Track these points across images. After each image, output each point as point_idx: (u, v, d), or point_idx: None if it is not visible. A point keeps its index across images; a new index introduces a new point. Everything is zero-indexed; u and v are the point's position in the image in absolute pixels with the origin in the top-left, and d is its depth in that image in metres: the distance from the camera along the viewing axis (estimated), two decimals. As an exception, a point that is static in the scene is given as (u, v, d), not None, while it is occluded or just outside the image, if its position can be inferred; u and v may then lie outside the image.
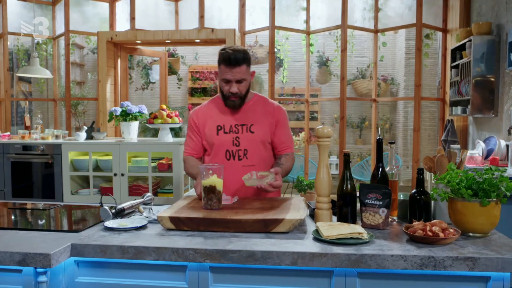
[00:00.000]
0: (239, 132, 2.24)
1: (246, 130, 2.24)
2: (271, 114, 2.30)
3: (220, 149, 2.26)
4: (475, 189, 1.63)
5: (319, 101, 7.53)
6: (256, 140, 2.25)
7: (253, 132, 2.24)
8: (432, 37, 5.77)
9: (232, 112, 2.27)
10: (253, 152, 2.25)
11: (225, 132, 2.25)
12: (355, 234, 1.61)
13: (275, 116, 2.30)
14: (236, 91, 2.18)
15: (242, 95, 2.23)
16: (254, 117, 2.27)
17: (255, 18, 5.62)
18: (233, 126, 2.25)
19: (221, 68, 2.18)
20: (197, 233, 1.75)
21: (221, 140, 2.25)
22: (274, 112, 2.31)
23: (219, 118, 2.27)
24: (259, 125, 2.26)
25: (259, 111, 2.29)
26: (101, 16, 5.95)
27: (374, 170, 1.90)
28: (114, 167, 4.09)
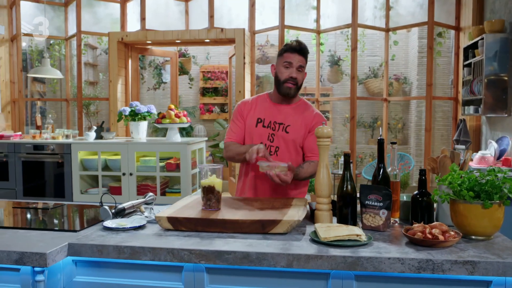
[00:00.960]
0: (276, 130, 2.33)
1: (282, 129, 2.33)
2: (309, 120, 2.37)
3: (256, 140, 2.35)
4: (477, 190, 1.59)
5: (330, 101, 7.47)
6: (288, 141, 2.32)
7: (287, 132, 2.32)
8: (445, 35, 5.68)
9: (273, 109, 2.37)
10: (284, 151, 2.34)
11: (263, 126, 2.35)
12: (353, 236, 1.58)
13: (311, 123, 2.36)
14: (295, 76, 2.28)
15: (298, 85, 2.33)
16: (293, 119, 2.34)
17: (265, 17, 5.61)
18: (272, 123, 2.34)
19: (284, 56, 2.30)
20: (194, 233, 1.74)
21: (258, 132, 2.35)
22: (311, 119, 2.37)
23: (261, 112, 2.37)
24: (295, 128, 2.34)
25: (299, 114, 2.37)
26: (112, 17, 5.99)
27: (375, 171, 1.87)
28: (122, 167, 4.11)
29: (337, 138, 7.74)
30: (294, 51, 2.28)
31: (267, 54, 6.96)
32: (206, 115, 8.14)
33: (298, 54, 2.28)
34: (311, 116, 2.37)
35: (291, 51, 2.28)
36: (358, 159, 7.38)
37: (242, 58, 5.31)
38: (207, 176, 1.92)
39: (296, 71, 2.28)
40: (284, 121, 2.33)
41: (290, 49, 2.29)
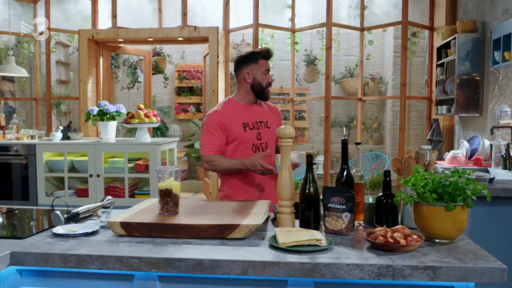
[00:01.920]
0: (260, 128, 2.54)
1: (264, 126, 2.55)
2: (275, 112, 2.68)
3: (247, 144, 2.51)
4: (441, 192, 1.54)
5: (306, 100, 7.43)
6: (272, 134, 2.58)
7: (269, 127, 2.57)
8: (419, 35, 5.68)
9: (249, 111, 2.53)
10: (271, 145, 2.59)
11: (250, 128, 2.51)
12: (313, 241, 1.51)
13: (278, 114, 2.70)
14: (271, 81, 2.53)
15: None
16: (266, 115, 2.59)
17: (239, 16, 5.53)
18: (254, 123, 2.53)
19: (260, 63, 2.47)
20: (148, 239, 1.65)
21: (248, 136, 2.50)
22: (276, 111, 2.69)
23: (241, 117, 2.50)
24: (271, 121, 2.60)
25: (267, 110, 2.62)
26: (83, 14, 5.84)
27: (339, 173, 1.80)
28: (89, 168, 3.98)
29: (312, 137, 7.71)
30: (267, 58, 2.49)
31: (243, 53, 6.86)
32: (181, 114, 8.02)
33: (268, 60, 2.52)
34: (275, 110, 2.69)
35: (266, 57, 2.48)
36: (333, 158, 7.35)
37: (216, 57, 5.22)
38: (164, 178, 1.83)
39: (269, 75, 2.52)
40: (262, 118, 2.54)
41: (264, 57, 2.48)
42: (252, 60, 2.46)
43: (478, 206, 2.76)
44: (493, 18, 3.99)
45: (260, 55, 2.46)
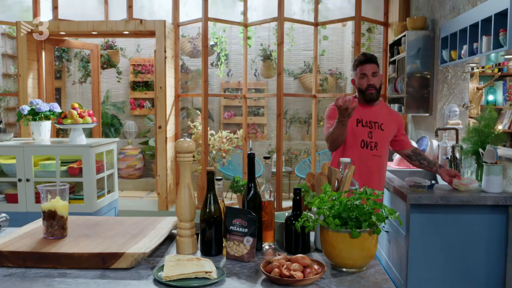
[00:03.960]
0: (372, 128, 2.67)
1: (378, 127, 2.68)
2: (396, 118, 2.80)
3: (358, 138, 2.66)
4: (345, 217, 1.38)
5: (265, 97, 7.25)
6: (385, 136, 2.69)
7: (383, 130, 2.68)
8: (375, 31, 5.56)
9: (366, 110, 2.69)
10: (382, 146, 2.69)
11: (362, 125, 2.66)
12: (201, 274, 1.34)
13: (399, 121, 2.80)
14: (372, 83, 2.63)
15: (377, 88, 2.67)
16: (383, 118, 2.71)
17: (188, 9, 5.28)
18: (368, 122, 2.67)
19: (358, 69, 2.67)
20: (20, 271, 1.44)
21: (359, 131, 2.65)
22: (397, 117, 2.82)
23: (357, 113, 2.65)
24: (387, 126, 2.71)
25: (387, 114, 2.75)
26: (23, 5, 5.48)
27: (245, 191, 1.62)
28: (18, 172, 3.70)
29: (270, 134, 7.54)
30: (364, 62, 2.64)
31: (198, 47, 6.63)
32: (137, 110, 7.72)
33: (369, 63, 2.64)
34: (395, 114, 2.83)
35: (362, 63, 2.65)
36: (292, 155, 7.22)
37: (163, 52, 4.98)
38: (46, 199, 1.61)
39: (371, 77, 2.63)
40: (377, 120, 2.68)
41: (360, 63, 2.66)
42: (353, 67, 2.73)
43: (417, 214, 2.65)
44: (442, 15, 3.88)
45: (357, 62, 2.68)
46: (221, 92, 7.51)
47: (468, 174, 3.00)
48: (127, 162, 7.21)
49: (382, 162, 2.71)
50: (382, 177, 2.76)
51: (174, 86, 5.37)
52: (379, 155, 2.68)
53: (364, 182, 2.52)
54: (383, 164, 2.73)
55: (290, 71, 7.42)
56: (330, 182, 1.65)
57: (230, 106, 7.61)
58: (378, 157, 2.66)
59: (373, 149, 2.67)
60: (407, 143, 2.86)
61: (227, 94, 7.36)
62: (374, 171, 2.67)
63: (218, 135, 5.75)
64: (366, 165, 2.63)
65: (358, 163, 2.46)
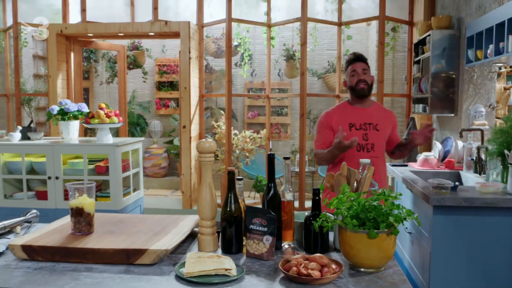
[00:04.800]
0: (368, 129, 2.63)
1: (373, 128, 2.64)
2: (392, 118, 2.78)
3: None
4: (363, 218, 1.39)
5: (288, 97, 7.26)
6: (381, 137, 2.67)
7: (378, 130, 2.65)
8: (399, 30, 5.50)
9: (359, 113, 2.67)
10: (378, 146, 2.66)
11: (356, 128, 2.63)
12: (221, 271, 1.37)
13: (393, 121, 2.78)
14: (363, 78, 2.61)
15: (369, 83, 2.65)
16: (378, 119, 2.67)
17: (213, 10, 5.34)
18: (362, 124, 2.64)
19: (349, 68, 2.67)
20: (49, 265, 1.50)
21: (354, 135, 2.57)
22: (392, 117, 2.78)
23: (349, 118, 2.66)
24: (382, 126, 2.67)
25: (381, 114, 2.72)
26: (53, 8, 5.64)
27: (265, 190, 1.65)
28: (48, 170, 3.83)
29: (293, 133, 7.55)
30: (354, 61, 2.65)
31: (222, 48, 6.69)
32: (162, 110, 7.85)
33: (359, 62, 2.64)
34: (390, 114, 2.78)
35: (352, 62, 2.66)
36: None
37: (187, 52, 5.05)
38: (75, 196, 1.68)
39: (361, 73, 2.62)
40: (371, 121, 2.65)
41: (350, 61, 2.67)
42: (344, 68, 2.74)
43: (440, 215, 2.63)
44: (468, 14, 3.82)
45: (347, 61, 2.70)
46: (244, 92, 7.56)
47: (493, 176, 2.95)
48: (152, 161, 7.34)
49: (380, 162, 2.66)
50: (383, 178, 2.72)
51: (199, 86, 5.45)
52: (377, 156, 2.63)
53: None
54: (382, 165, 2.70)
55: (314, 71, 7.40)
56: (349, 183, 1.66)
57: (253, 106, 7.65)
58: (375, 158, 2.59)
59: (370, 151, 2.63)
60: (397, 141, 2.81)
61: (250, 94, 7.40)
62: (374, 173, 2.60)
63: (241, 135, 5.80)
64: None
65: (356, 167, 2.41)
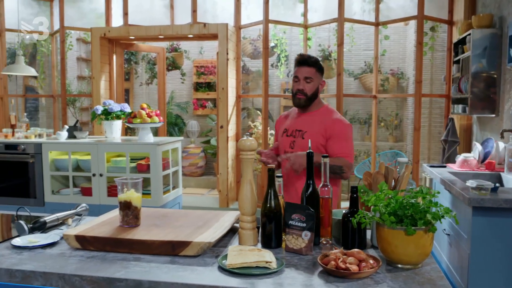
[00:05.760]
0: (296, 137, 2.43)
1: (300, 136, 2.41)
2: (328, 125, 2.37)
3: (282, 150, 2.49)
4: (401, 215, 1.42)
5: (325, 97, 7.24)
6: (306, 147, 2.27)
7: (303, 138, 2.38)
8: (438, 29, 5.42)
9: (298, 119, 2.45)
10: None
11: (287, 135, 2.47)
12: (261, 263, 1.43)
13: (329, 129, 2.36)
14: (302, 88, 2.37)
15: (308, 95, 2.38)
16: (309, 126, 2.39)
17: (250, 12, 5.42)
18: (293, 131, 2.45)
19: (294, 71, 2.44)
20: (101, 254, 1.61)
21: (283, 142, 2.48)
22: (330, 125, 2.37)
23: (288, 122, 2.52)
24: (310, 133, 2.37)
25: (318, 121, 2.40)
26: (97, 12, 5.88)
27: (304, 187, 1.70)
28: (93, 167, 4.01)
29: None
30: (299, 64, 2.40)
31: (259, 49, 6.77)
32: (199, 110, 8.01)
33: (304, 66, 2.38)
34: (329, 122, 2.38)
35: (297, 64, 2.42)
36: (352, 157, 7.17)
37: (225, 54, 5.15)
38: (123, 190, 1.78)
39: (302, 82, 2.37)
40: (302, 128, 2.41)
41: (296, 63, 2.43)
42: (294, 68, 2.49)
43: (479, 217, 2.60)
44: (510, 12, 3.73)
45: (295, 63, 2.44)
46: (281, 93, 7.61)
47: (536, 177, 2.89)
48: (189, 160, 7.50)
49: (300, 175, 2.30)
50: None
51: (236, 87, 5.54)
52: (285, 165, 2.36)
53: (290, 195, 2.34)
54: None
55: (350, 71, 7.38)
56: (387, 181, 1.69)
57: (289, 106, 7.69)
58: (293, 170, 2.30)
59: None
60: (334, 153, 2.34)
61: (287, 94, 7.43)
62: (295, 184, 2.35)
63: (277, 135, 5.85)
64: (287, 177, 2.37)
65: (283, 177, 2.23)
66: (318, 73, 2.41)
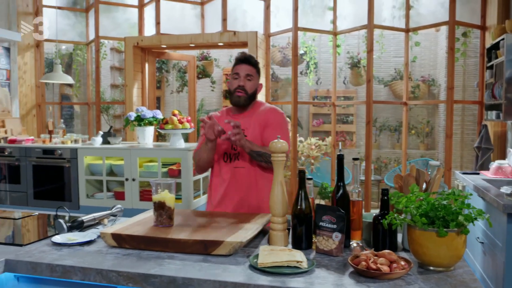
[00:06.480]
0: None
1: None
2: (261, 116, 2.35)
3: (221, 151, 2.36)
4: (432, 217, 1.42)
5: (354, 104, 7.23)
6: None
7: (246, 136, 2.26)
8: (470, 35, 5.33)
9: (236, 118, 2.35)
10: (243, 155, 2.30)
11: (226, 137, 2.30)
12: (292, 263, 1.45)
13: (264, 119, 2.34)
14: (242, 84, 2.31)
15: (249, 93, 2.34)
16: (249, 123, 2.33)
17: (279, 20, 5.47)
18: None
19: (234, 69, 2.38)
20: (136, 252, 1.66)
21: (223, 143, 2.32)
22: (264, 114, 2.36)
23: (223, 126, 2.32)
24: (251, 129, 2.32)
25: (254, 115, 2.37)
26: (130, 22, 6.04)
27: (334, 189, 1.72)
28: (125, 172, 4.11)
29: (359, 141, 7.49)
30: (240, 62, 2.36)
31: (288, 57, 6.82)
32: (228, 118, 8.09)
33: (245, 64, 2.34)
34: (262, 112, 2.37)
35: (238, 62, 2.37)
36: (382, 164, 7.09)
37: (254, 61, 5.20)
38: (157, 191, 1.83)
39: (243, 79, 2.32)
40: (243, 126, 2.28)
41: (236, 61, 2.37)
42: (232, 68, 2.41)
43: (515, 224, 2.54)
44: (547, 16, 3.65)
45: (235, 61, 2.39)
46: (310, 100, 7.62)
47: None
48: (218, 167, 7.57)
49: (248, 173, 2.30)
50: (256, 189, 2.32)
51: (265, 94, 5.58)
52: (242, 166, 2.30)
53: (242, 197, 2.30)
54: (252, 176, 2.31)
55: (380, 78, 7.33)
56: (418, 183, 1.69)
57: (318, 114, 7.70)
58: (240, 169, 2.30)
59: (234, 160, 2.32)
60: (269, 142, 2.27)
61: (316, 101, 7.45)
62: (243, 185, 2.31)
63: (307, 142, 5.86)
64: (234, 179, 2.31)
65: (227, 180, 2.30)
66: (257, 74, 2.39)
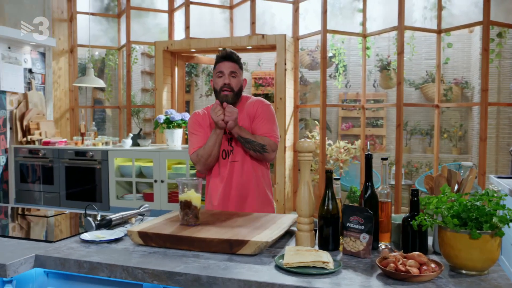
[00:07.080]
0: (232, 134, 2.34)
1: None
2: (250, 109, 2.38)
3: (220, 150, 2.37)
4: (465, 218, 1.36)
5: (384, 107, 7.11)
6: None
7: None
8: (506, 35, 5.17)
9: None
10: (237, 150, 2.36)
11: (224, 133, 2.33)
12: (318, 263, 1.43)
13: (252, 111, 2.38)
14: (228, 82, 2.31)
15: (235, 90, 2.33)
16: (238, 117, 2.30)
17: (308, 22, 5.45)
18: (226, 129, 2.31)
19: (217, 67, 2.36)
20: (162, 250, 1.67)
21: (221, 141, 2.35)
22: (251, 107, 2.39)
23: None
24: (240, 123, 2.32)
25: (242, 110, 2.38)
26: (160, 26, 6.14)
27: (362, 190, 1.68)
28: (154, 174, 4.16)
29: (389, 145, 7.35)
30: (223, 60, 2.34)
31: (317, 60, 6.78)
32: (257, 121, 8.10)
33: (228, 61, 2.33)
34: (250, 105, 2.39)
35: (221, 59, 2.35)
36: (413, 168, 6.94)
37: (283, 64, 5.19)
38: (184, 190, 1.84)
39: (228, 77, 2.31)
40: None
41: (219, 59, 2.36)
42: (214, 66, 2.39)
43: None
44: None
45: (216, 59, 2.38)
46: (338, 103, 7.55)
47: None
48: (246, 171, 7.58)
49: (240, 165, 2.35)
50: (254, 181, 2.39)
51: (293, 97, 5.56)
52: (236, 160, 2.35)
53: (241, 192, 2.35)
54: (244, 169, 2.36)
55: (411, 81, 7.19)
56: (449, 184, 1.63)
57: (348, 117, 7.61)
58: (235, 162, 2.35)
59: (230, 155, 2.36)
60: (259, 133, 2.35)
61: (345, 104, 7.36)
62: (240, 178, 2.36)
63: (335, 145, 5.79)
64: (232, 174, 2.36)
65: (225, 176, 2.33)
66: (240, 70, 2.38)
